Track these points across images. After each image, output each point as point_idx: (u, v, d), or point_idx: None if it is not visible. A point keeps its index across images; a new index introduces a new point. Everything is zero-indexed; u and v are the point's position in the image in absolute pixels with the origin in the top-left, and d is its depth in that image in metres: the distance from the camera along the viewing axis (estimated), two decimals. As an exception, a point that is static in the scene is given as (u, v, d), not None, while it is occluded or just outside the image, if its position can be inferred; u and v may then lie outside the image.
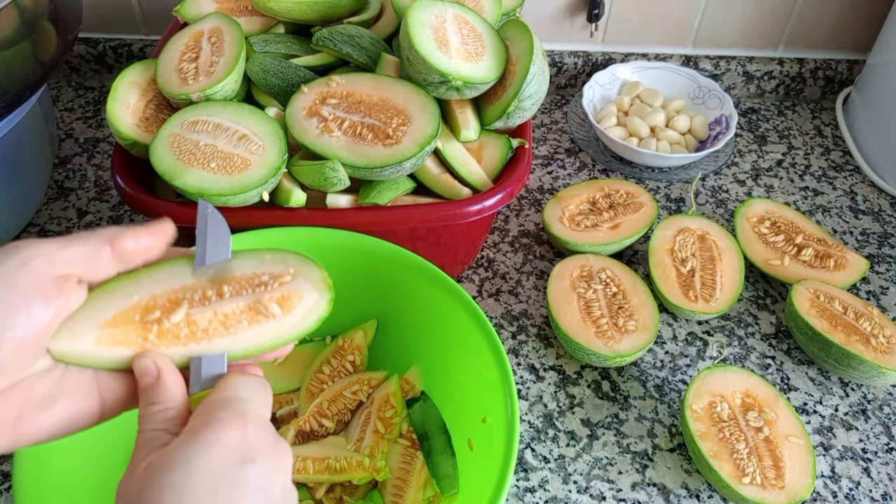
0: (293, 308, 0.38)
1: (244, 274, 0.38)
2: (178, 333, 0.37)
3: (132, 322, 0.36)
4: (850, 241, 0.81)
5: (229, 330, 0.37)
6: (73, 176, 0.85)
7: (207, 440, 0.32)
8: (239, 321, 0.37)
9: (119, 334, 0.36)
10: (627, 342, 0.65)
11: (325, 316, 0.39)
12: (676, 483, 0.60)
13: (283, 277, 0.38)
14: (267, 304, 0.38)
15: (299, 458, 0.54)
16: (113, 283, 0.36)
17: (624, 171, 0.87)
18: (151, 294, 0.37)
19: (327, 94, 0.61)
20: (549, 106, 0.97)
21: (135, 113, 0.63)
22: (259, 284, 0.38)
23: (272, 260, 0.39)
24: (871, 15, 0.96)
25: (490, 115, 0.63)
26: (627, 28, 0.96)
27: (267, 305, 0.38)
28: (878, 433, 0.64)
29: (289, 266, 0.39)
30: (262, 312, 0.38)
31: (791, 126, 0.96)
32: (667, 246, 0.74)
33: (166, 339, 0.36)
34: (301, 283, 0.38)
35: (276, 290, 0.38)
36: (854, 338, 0.65)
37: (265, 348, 0.38)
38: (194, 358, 0.37)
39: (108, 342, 0.35)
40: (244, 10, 0.71)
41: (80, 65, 0.98)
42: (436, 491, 0.54)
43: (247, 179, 0.56)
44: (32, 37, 0.61)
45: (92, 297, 0.36)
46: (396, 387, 0.59)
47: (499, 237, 0.79)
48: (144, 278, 0.37)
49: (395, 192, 0.61)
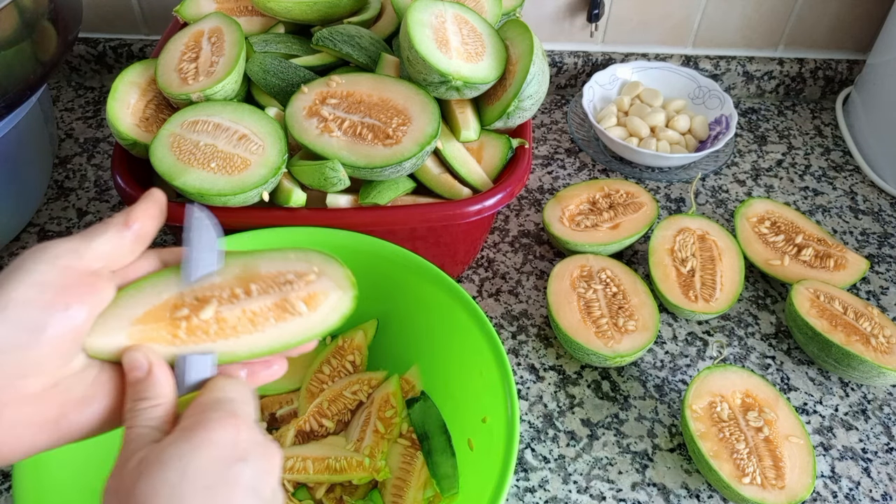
0: (318, 306, 0.39)
1: (269, 272, 0.39)
2: (208, 330, 0.37)
3: (163, 319, 0.37)
4: (850, 241, 0.81)
5: (257, 327, 0.38)
6: (73, 176, 0.85)
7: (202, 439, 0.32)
8: (266, 318, 0.38)
9: (150, 331, 0.37)
10: (627, 342, 0.65)
11: (349, 313, 0.40)
12: (676, 483, 0.60)
13: (308, 276, 0.39)
14: (294, 303, 0.39)
15: (299, 458, 0.54)
16: (143, 281, 0.38)
17: (624, 171, 0.87)
18: (180, 292, 0.38)
19: (327, 94, 0.61)
20: (549, 106, 0.97)
21: (135, 113, 0.63)
22: (285, 283, 0.39)
23: (296, 259, 0.40)
24: (871, 15, 0.96)
25: (490, 115, 0.63)
26: (627, 28, 0.96)
27: (294, 304, 0.38)
28: (878, 433, 0.64)
29: (313, 265, 0.40)
30: (289, 310, 0.38)
31: (791, 126, 0.96)
32: (667, 246, 0.74)
33: (195, 336, 0.37)
34: (326, 282, 0.39)
35: (302, 289, 0.39)
36: (854, 338, 0.65)
37: (290, 345, 0.39)
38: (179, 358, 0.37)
39: (140, 339, 0.36)
40: (244, 10, 0.71)
41: (80, 65, 0.98)
42: (436, 491, 0.54)
43: (247, 179, 0.56)
44: (32, 37, 0.61)
45: (122, 295, 0.37)
46: (396, 387, 0.59)
47: (499, 237, 0.79)
48: (172, 277, 0.38)
49: (395, 192, 0.61)
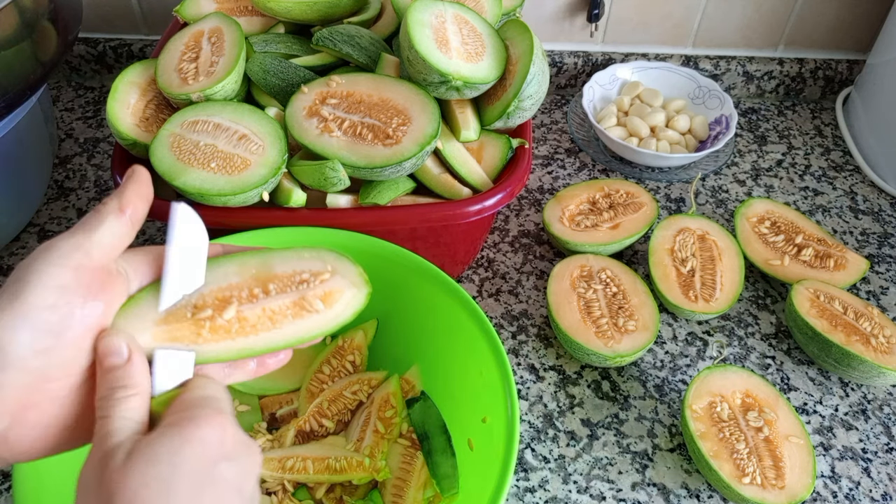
0: (334, 303, 0.40)
1: (286, 272, 0.40)
2: (230, 329, 0.38)
3: (185, 319, 0.38)
4: (850, 241, 0.81)
5: (276, 324, 0.39)
6: (73, 176, 0.85)
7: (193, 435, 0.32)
8: (285, 316, 0.39)
9: (173, 331, 0.37)
10: (627, 342, 0.65)
11: (362, 309, 0.41)
12: (676, 483, 0.60)
13: (323, 275, 0.41)
14: (311, 301, 0.40)
15: (299, 458, 0.54)
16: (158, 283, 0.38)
17: (624, 171, 0.87)
18: (200, 293, 0.39)
19: (327, 94, 0.61)
20: (549, 106, 0.97)
21: (135, 113, 0.63)
22: (301, 282, 0.40)
23: (311, 257, 0.41)
24: (871, 15, 0.96)
25: (490, 115, 0.63)
26: (627, 28, 0.96)
27: (311, 302, 0.40)
28: (878, 433, 0.64)
29: (327, 263, 0.41)
30: (307, 308, 0.40)
31: (791, 126, 0.96)
32: (667, 246, 0.74)
33: (218, 335, 0.38)
34: (340, 280, 0.41)
35: (318, 287, 0.40)
36: (854, 338, 0.65)
37: (305, 340, 0.40)
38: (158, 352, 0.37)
39: (164, 339, 0.37)
40: (244, 10, 0.71)
41: (80, 65, 0.98)
42: (436, 491, 0.54)
43: (247, 179, 0.56)
44: (32, 37, 0.61)
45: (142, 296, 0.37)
46: (396, 387, 0.59)
47: (499, 237, 0.79)
48: None
49: (395, 192, 0.61)
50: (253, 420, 0.60)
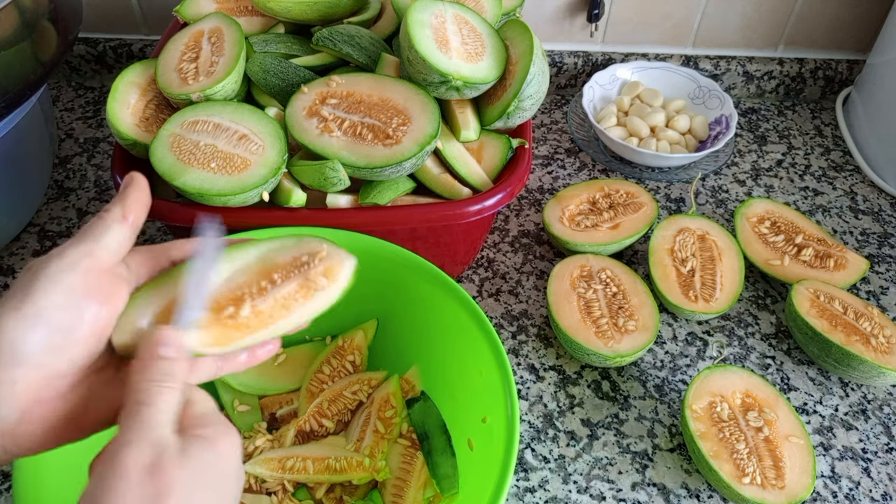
0: (337, 275, 0.43)
1: (286, 260, 0.42)
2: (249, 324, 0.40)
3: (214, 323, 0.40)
4: (850, 241, 0.81)
5: (289, 309, 0.41)
6: (73, 176, 0.85)
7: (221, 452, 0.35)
8: (295, 300, 0.42)
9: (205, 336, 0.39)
10: (627, 342, 0.65)
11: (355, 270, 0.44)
12: (676, 483, 0.60)
13: (321, 253, 0.43)
14: (315, 279, 0.42)
15: (299, 458, 0.54)
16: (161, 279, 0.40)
17: (624, 171, 0.87)
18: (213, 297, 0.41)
19: (327, 94, 0.61)
20: (549, 106, 0.97)
21: (135, 113, 0.63)
22: (301, 265, 0.42)
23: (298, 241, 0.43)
24: (871, 15, 0.96)
25: (490, 115, 0.63)
26: (627, 28, 0.96)
27: (316, 280, 0.42)
28: (878, 433, 0.64)
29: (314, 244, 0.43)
30: (313, 287, 0.42)
31: (791, 126, 0.96)
32: (667, 246, 0.74)
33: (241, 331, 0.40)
34: (334, 252, 0.43)
35: (318, 265, 0.42)
36: (854, 338, 0.65)
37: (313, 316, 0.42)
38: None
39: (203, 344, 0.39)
40: (244, 10, 0.71)
41: (80, 65, 0.98)
42: (436, 491, 0.54)
43: (247, 179, 0.56)
44: (32, 37, 0.61)
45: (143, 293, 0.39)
46: (396, 387, 0.59)
47: (499, 237, 0.79)
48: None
49: (395, 192, 0.61)
50: (253, 420, 0.60)
